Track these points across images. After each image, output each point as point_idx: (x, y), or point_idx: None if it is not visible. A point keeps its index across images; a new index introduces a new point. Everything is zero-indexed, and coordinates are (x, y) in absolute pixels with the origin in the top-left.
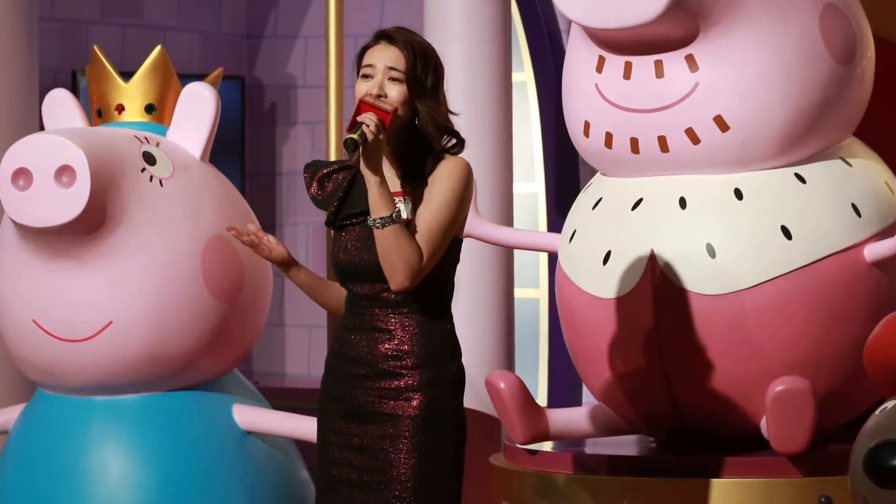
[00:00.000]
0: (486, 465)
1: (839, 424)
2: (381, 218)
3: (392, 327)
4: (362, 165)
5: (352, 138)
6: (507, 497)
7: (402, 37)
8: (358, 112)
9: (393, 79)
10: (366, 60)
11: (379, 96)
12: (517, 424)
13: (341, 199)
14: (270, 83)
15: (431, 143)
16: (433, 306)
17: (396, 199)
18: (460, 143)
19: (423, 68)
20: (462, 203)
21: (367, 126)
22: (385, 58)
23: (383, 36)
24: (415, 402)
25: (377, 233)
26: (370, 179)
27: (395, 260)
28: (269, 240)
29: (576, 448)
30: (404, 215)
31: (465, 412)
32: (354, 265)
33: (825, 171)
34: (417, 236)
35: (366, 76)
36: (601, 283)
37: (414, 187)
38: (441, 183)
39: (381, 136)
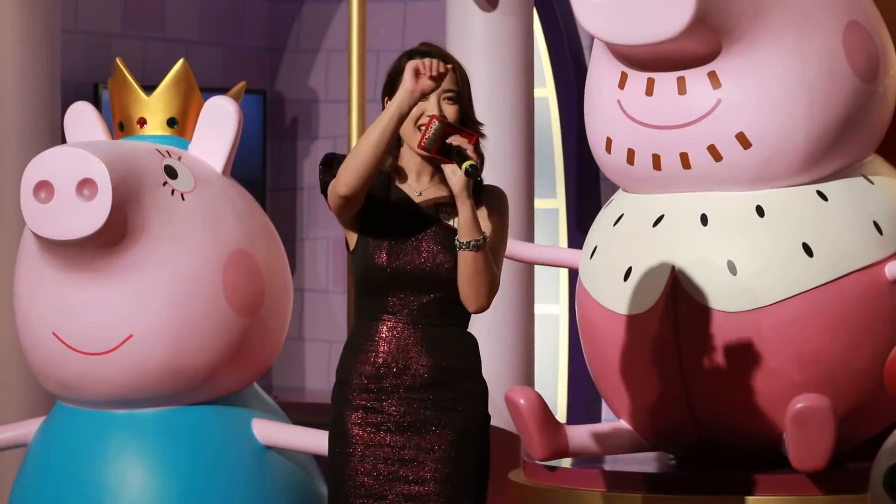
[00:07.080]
0: (504, 482)
1: (859, 442)
2: (476, 240)
3: (441, 338)
4: (462, 188)
5: (475, 165)
6: None
7: (446, 55)
8: (444, 134)
9: (449, 99)
10: None
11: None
12: (536, 441)
13: (372, 202)
14: (292, 97)
15: None
16: (467, 319)
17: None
18: (482, 159)
19: (468, 87)
20: None
21: (471, 152)
22: None
23: (432, 55)
24: (464, 414)
25: (467, 255)
26: (467, 202)
27: (482, 282)
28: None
29: (595, 465)
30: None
31: None
32: (402, 271)
33: (847, 188)
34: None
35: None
36: (622, 300)
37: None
38: (499, 216)
39: None
